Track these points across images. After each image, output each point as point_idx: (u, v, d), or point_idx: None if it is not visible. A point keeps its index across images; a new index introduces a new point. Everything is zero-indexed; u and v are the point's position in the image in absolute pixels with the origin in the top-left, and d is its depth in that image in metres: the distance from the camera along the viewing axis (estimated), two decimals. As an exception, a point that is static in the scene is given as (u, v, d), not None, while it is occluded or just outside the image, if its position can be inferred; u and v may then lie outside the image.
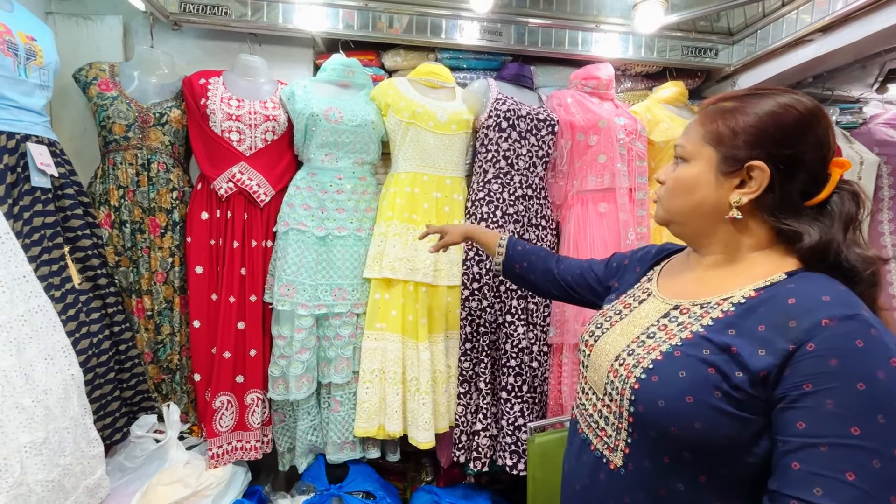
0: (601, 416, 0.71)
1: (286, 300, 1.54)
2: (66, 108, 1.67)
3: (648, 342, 0.67)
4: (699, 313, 0.65)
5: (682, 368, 0.61)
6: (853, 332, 0.52)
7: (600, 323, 0.79)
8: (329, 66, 1.68)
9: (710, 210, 0.67)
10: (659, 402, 0.61)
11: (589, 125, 1.69)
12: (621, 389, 0.66)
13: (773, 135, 0.62)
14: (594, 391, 0.74)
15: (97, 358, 1.40)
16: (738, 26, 1.89)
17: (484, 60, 1.87)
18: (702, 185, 0.67)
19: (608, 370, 0.70)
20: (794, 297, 0.57)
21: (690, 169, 0.69)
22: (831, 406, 0.50)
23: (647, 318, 0.72)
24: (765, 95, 0.64)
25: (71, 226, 1.40)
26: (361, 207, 1.67)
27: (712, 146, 0.66)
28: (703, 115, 0.69)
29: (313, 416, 1.65)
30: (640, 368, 0.64)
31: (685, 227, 0.72)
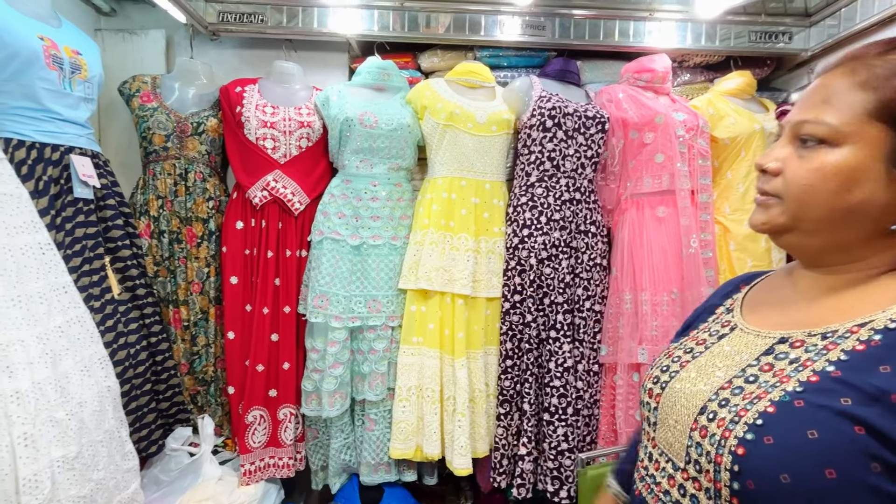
0: (682, 492, 0.51)
1: (319, 312, 1.48)
2: (113, 120, 1.71)
3: (748, 388, 0.49)
4: (822, 346, 0.47)
5: (810, 426, 0.42)
6: None
7: (666, 366, 0.60)
8: (364, 69, 1.62)
9: (869, 217, 0.48)
10: (782, 477, 0.42)
11: (644, 122, 1.53)
12: (716, 456, 0.47)
13: None
14: (668, 457, 0.54)
15: (134, 369, 1.39)
16: (816, 6, 1.67)
17: (526, 57, 1.76)
18: (863, 180, 0.47)
19: (690, 427, 0.51)
20: None
21: (844, 155, 0.47)
22: None
23: (738, 355, 0.53)
24: None
25: (112, 236, 1.41)
26: (397, 215, 1.59)
27: (885, 123, 0.46)
28: (862, 74, 0.47)
29: (347, 434, 1.57)
30: (743, 425, 0.46)
31: (814, 239, 0.51)
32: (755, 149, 1.60)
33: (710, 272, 1.54)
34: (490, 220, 1.57)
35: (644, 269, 1.48)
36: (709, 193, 1.58)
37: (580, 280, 1.53)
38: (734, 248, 1.59)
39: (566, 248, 1.52)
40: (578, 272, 1.53)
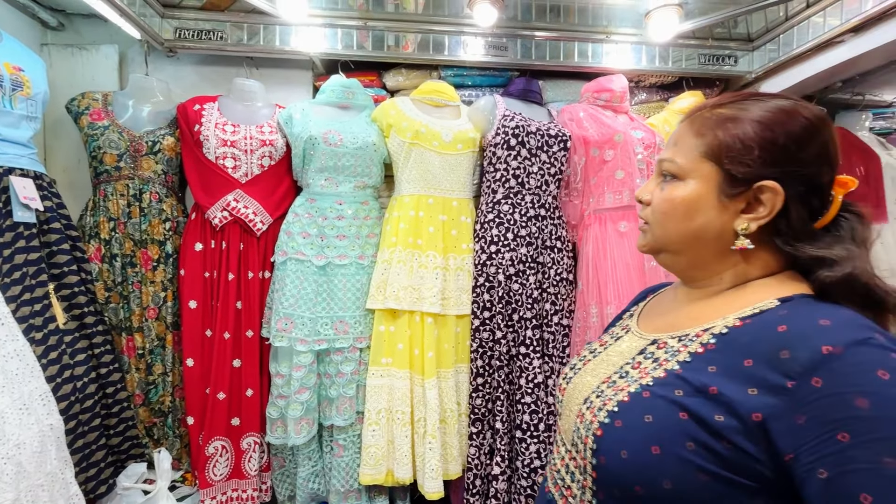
0: (567, 470, 0.60)
1: (283, 335, 1.44)
2: (60, 139, 1.62)
3: (619, 382, 0.57)
4: (676, 348, 0.55)
5: (649, 412, 0.51)
6: (871, 360, 0.42)
7: (574, 364, 0.69)
8: (328, 87, 1.61)
9: (712, 238, 0.57)
10: (622, 452, 0.51)
11: (604, 140, 1.58)
12: (585, 437, 0.55)
13: (784, 147, 0.52)
14: (563, 442, 0.63)
15: (81, 403, 1.30)
16: (758, 31, 1.79)
17: (489, 77, 1.80)
18: (701, 208, 0.56)
19: (576, 415, 0.59)
20: (785, 324, 0.48)
21: (686, 188, 0.57)
22: (892, 465, 0.39)
23: (623, 355, 0.62)
24: (764, 100, 0.55)
25: (57, 262, 1.32)
26: (364, 234, 1.57)
27: (713, 162, 0.55)
28: (698, 123, 0.58)
29: (315, 462, 1.52)
30: (605, 411, 0.54)
31: (679, 258, 0.60)
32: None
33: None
34: (458, 238, 1.57)
35: (609, 282, 1.51)
36: (667, 208, 1.63)
37: (547, 295, 1.55)
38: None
39: (533, 264, 1.54)
40: (546, 287, 1.55)
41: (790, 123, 0.53)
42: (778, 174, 0.52)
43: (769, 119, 0.53)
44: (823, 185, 0.54)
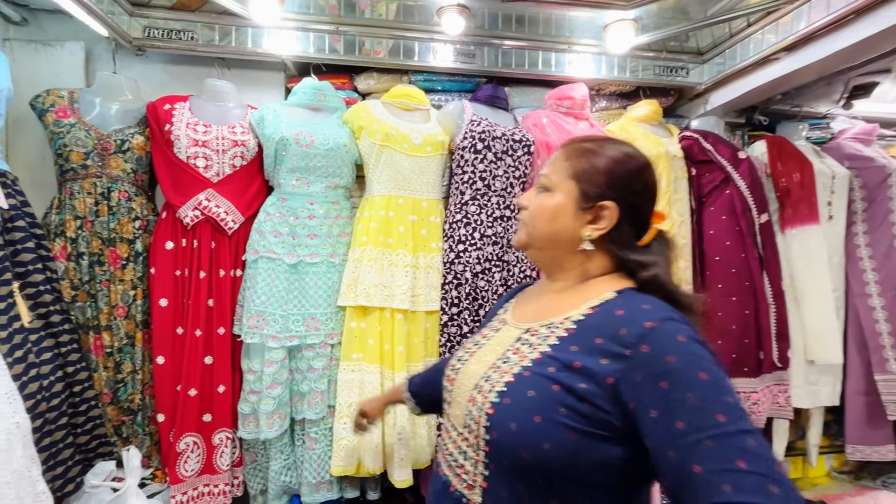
0: (460, 451, 0.69)
1: (255, 332, 1.47)
2: (23, 136, 1.60)
3: (503, 367, 0.68)
4: (546, 334, 0.68)
5: (530, 388, 0.62)
6: (673, 330, 0.58)
7: (460, 356, 0.79)
8: (300, 89, 1.64)
9: (567, 240, 0.73)
10: (510, 424, 0.61)
11: (565, 145, 1.67)
12: (477, 417, 0.66)
13: (625, 179, 0.70)
14: (455, 427, 0.73)
15: (48, 402, 1.30)
16: (706, 46, 1.93)
17: (458, 82, 1.87)
18: (562, 215, 0.72)
19: (467, 401, 0.69)
20: (622, 310, 0.63)
21: (554, 198, 0.73)
22: (693, 399, 0.53)
23: (503, 344, 0.73)
24: (617, 143, 0.74)
25: (21, 260, 1.31)
26: (335, 233, 1.62)
27: (575, 181, 0.72)
28: (569, 152, 0.75)
29: (287, 455, 1.55)
30: (495, 392, 0.65)
31: (542, 253, 0.77)
32: (662, 169, 1.79)
33: (627, 281, 1.70)
34: (428, 237, 1.64)
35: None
36: (623, 209, 1.74)
37: (512, 292, 1.63)
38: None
39: (499, 262, 1.62)
40: (510, 284, 1.63)
41: (629, 164, 0.71)
42: (616, 198, 0.69)
43: (616, 157, 0.71)
44: (645, 213, 0.72)
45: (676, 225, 1.82)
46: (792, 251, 1.90)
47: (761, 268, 1.81)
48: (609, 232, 0.70)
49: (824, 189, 1.92)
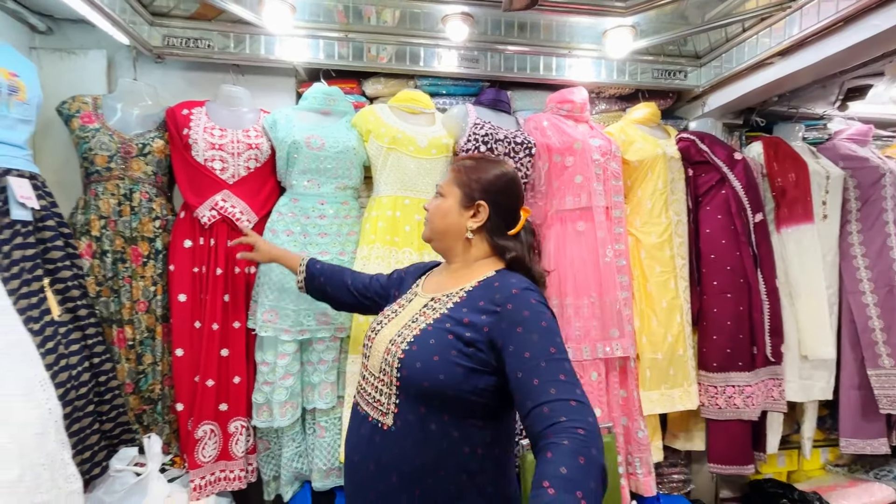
0: (377, 390, 0.92)
1: (269, 326, 1.55)
2: (49, 140, 1.68)
3: (413, 325, 0.93)
4: (446, 301, 0.94)
5: (432, 338, 0.88)
6: (529, 295, 0.86)
7: (380, 320, 1.02)
8: (310, 94, 1.72)
9: (455, 231, 1.00)
10: (416, 364, 0.86)
11: (565, 147, 1.74)
12: (391, 361, 0.89)
13: (493, 186, 0.99)
14: (372, 373, 0.95)
15: (76, 391, 1.38)
16: (703, 50, 1.98)
17: (462, 87, 1.93)
18: (451, 213, 0.99)
19: (384, 352, 0.92)
20: (497, 282, 0.92)
21: (446, 202, 1.01)
22: (537, 338, 0.80)
23: (413, 310, 0.98)
24: (490, 161, 1.04)
25: (51, 258, 1.40)
26: (344, 231, 1.69)
27: (458, 188, 1.00)
28: (455, 167, 1.04)
29: (298, 443, 1.63)
30: (406, 343, 0.89)
31: (441, 243, 1.03)
32: (659, 170, 1.85)
33: (625, 278, 1.76)
34: (432, 236, 1.71)
35: (567, 277, 1.67)
36: (621, 209, 1.81)
37: (513, 288, 1.70)
38: (644, 256, 1.82)
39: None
40: (511, 281, 1.70)
41: (496, 173, 1.00)
42: (487, 199, 0.98)
43: (486, 169, 1.01)
44: (511, 209, 1.00)
45: (674, 224, 1.88)
46: (787, 249, 1.95)
47: (756, 265, 1.87)
48: (484, 224, 0.98)
49: (819, 189, 1.97)
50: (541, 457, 0.70)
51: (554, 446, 0.69)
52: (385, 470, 0.87)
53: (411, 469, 0.85)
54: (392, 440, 0.86)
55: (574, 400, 0.73)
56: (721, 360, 1.83)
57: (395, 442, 0.86)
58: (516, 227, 0.99)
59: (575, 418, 0.71)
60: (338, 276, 1.34)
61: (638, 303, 1.82)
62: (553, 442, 0.69)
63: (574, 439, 0.69)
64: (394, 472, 0.86)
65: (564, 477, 0.65)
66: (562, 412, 0.72)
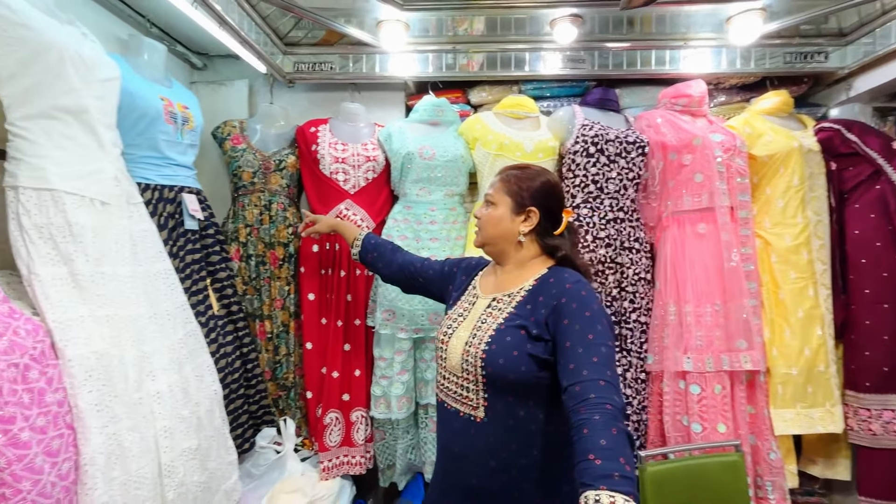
0: (462, 388, 0.99)
1: (387, 324, 1.66)
2: (203, 159, 1.96)
3: (483, 326, 1.00)
4: (508, 300, 1.01)
5: (507, 335, 0.95)
6: (580, 288, 0.94)
7: (450, 325, 1.09)
8: (420, 107, 1.81)
9: (509, 236, 1.06)
10: (499, 360, 0.93)
11: (682, 144, 1.64)
12: (473, 361, 0.96)
13: (541, 192, 1.05)
14: (453, 373, 1.02)
15: (231, 376, 1.60)
16: (850, 26, 1.74)
17: (567, 87, 1.91)
18: (503, 220, 1.06)
19: (461, 353, 0.99)
20: (552, 278, 0.99)
21: (497, 210, 1.07)
22: (578, 328, 0.88)
23: (479, 311, 1.04)
24: (534, 169, 1.09)
25: (211, 261, 1.64)
26: (453, 236, 1.76)
27: (509, 196, 1.06)
28: (503, 177, 1.09)
29: (412, 436, 1.73)
30: (483, 343, 0.96)
31: (494, 248, 1.09)
32: (794, 165, 1.67)
33: (753, 284, 1.62)
34: (539, 239, 1.71)
35: (687, 282, 1.58)
36: (748, 209, 1.66)
37: (626, 294, 1.64)
38: (776, 260, 1.66)
39: (612, 264, 1.64)
40: (624, 286, 1.65)
41: (545, 184, 1.06)
42: (537, 204, 1.04)
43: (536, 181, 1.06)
44: (558, 211, 1.07)
45: (812, 224, 1.68)
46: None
47: (922, 272, 1.61)
48: (535, 227, 1.04)
49: None
50: (578, 433, 0.78)
51: (588, 422, 0.77)
52: (484, 457, 0.96)
53: (508, 453, 0.94)
54: (487, 430, 0.95)
55: (603, 380, 0.81)
56: (876, 379, 1.60)
57: (490, 431, 0.95)
58: (561, 227, 1.06)
59: (602, 395, 0.79)
60: (389, 254, 1.40)
61: (767, 312, 1.66)
62: (585, 418, 0.78)
63: (604, 414, 0.77)
64: (492, 457, 0.95)
65: (605, 447, 0.73)
66: (591, 390, 0.80)
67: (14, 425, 0.83)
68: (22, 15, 1.02)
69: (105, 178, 1.16)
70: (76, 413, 0.97)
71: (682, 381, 1.56)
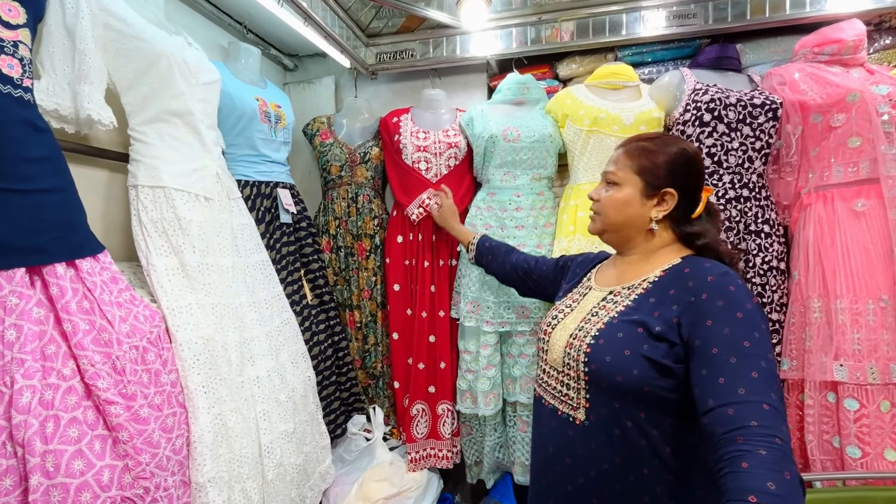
0: (562, 384, 0.88)
1: (472, 316, 1.60)
2: (296, 155, 2.06)
3: (593, 319, 0.88)
4: (627, 293, 0.88)
5: (619, 331, 0.82)
6: (727, 282, 0.77)
7: (555, 315, 0.97)
8: (504, 86, 1.70)
9: (637, 223, 0.90)
10: (606, 357, 0.81)
11: (830, 102, 1.33)
12: (576, 356, 0.85)
13: (679, 168, 0.88)
14: (554, 367, 0.91)
15: (324, 363, 1.66)
16: None
17: (673, 49, 1.66)
18: (631, 204, 0.90)
19: (564, 346, 0.88)
20: (688, 268, 0.83)
21: (623, 191, 0.91)
22: (728, 332, 0.72)
23: (590, 303, 0.92)
24: (668, 139, 0.91)
25: (305, 252, 1.71)
26: (540, 223, 1.63)
27: (638, 175, 0.89)
28: (630, 150, 0.91)
29: (500, 434, 1.65)
30: (590, 337, 0.84)
31: (616, 235, 0.94)
32: None
33: (936, 274, 1.26)
34: (640, 224, 1.51)
35: (838, 272, 1.28)
36: (929, 179, 1.29)
37: (753, 286, 1.38)
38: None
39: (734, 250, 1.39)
40: (750, 277, 1.39)
41: (683, 157, 0.88)
42: (673, 184, 0.87)
43: (672, 153, 0.88)
44: (697, 190, 0.90)
45: None
46: None
47: None
48: (670, 212, 0.88)
49: None
50: (732, 466, 0.62)
51: (749, 456, 0.61)
52: (583, 465, 0.84)
53: (611, 466, 0.81)
54: (587, 435, 0.84)
55: (767, 404, 0.65)
56: None
57: (591, 437, 0.83)
58: (699, 209, 0.89)
59: (768, 425, 0.63)
60: (503, 255, 1.37)
61: (957, 310, 1.29)
62: (745, 450, 0.62)
63: (773, 450, 0.61)
64: (592, 467, 0.83)
65: (773, 493, 0.58)
66: (752, 415, 0.64)
67: (135, 402, 0.91)
68: (136, 28, 1.11)
69: (208, 176, 1.24)
70: (187, 394, 1.05)
71: (832, 394, 1.27)
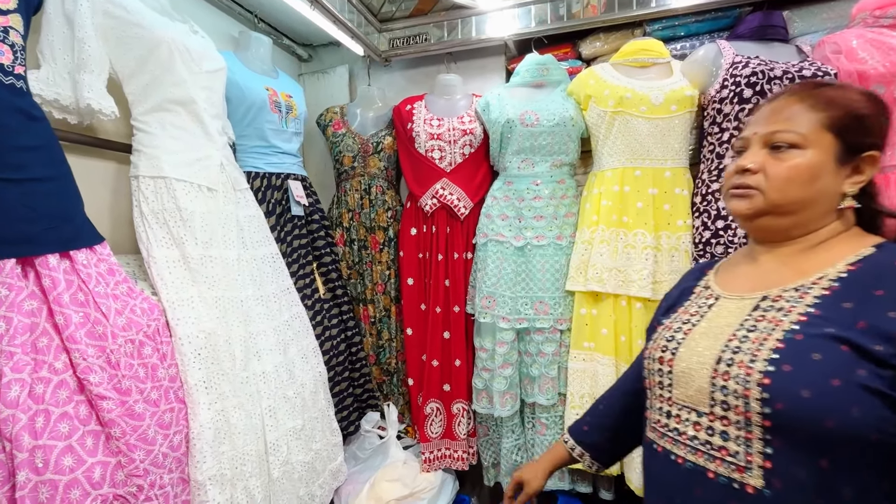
0: (712, 433, 0.62)
1: (487, 312, 1.52)
2: (312, 147, 2.03)
3: (752, 335, 0.61)
4: (797, 296, 0.62)
5: (812, 350, 0.56)
6: None
7: (671, 336, 0.71)
8: (522, 68, 1.60)
9: (826, 200, 0.64)
10: (802, 392, 0.54)
11: (894, 71, 1.16)
12: (743, 390, 0.58)
13: (882, 125, 0.64)
14: (690, 408, 0.65)
15: (336, 358, 1.63)
16: None
17: (709, 21, 1.51)
18: (822, 173, 0.63)
19: (710, 377, 0.62)
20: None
21: (810, 156, 0.63)
22: None
23: (733, 316, 0.65)
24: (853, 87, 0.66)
25: (317, 246, 1.67)
26: (561, 213, 1.53)
27: (831, 133, 0.63)
28: (810, 100, 0.65)
29: (518, 436, 1.57)
30: (762, 361, 0.58)
31: (786, 219, 0.66)
32: None
33: None
34: (672, 213, 1.39)
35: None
36: None
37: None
38: None
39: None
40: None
41: (881, 107, 0.64)
42: (876, 146, 0.63)
43: (871, 103, 0.64)
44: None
45: None
46: None
47: None
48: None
49: None
50: None
51: None
52: None
53: None
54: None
55: None
56: None
57: None
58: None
59: None
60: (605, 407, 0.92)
61: None
62: None
63: None
64: None
65: None
66: None
67: (130, 397, 0.88)
68: (136, 14, 1.08)
69: (211, 166, 1.21)
70: (186, 389, 1.03)
71: None
